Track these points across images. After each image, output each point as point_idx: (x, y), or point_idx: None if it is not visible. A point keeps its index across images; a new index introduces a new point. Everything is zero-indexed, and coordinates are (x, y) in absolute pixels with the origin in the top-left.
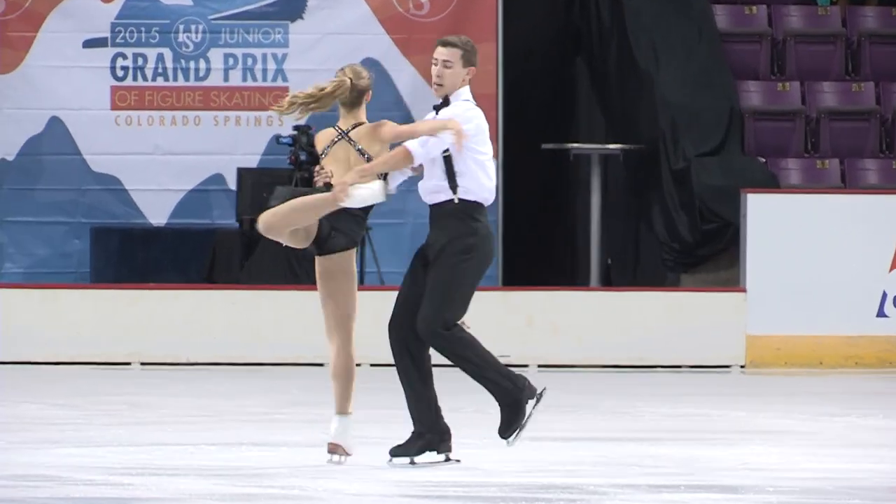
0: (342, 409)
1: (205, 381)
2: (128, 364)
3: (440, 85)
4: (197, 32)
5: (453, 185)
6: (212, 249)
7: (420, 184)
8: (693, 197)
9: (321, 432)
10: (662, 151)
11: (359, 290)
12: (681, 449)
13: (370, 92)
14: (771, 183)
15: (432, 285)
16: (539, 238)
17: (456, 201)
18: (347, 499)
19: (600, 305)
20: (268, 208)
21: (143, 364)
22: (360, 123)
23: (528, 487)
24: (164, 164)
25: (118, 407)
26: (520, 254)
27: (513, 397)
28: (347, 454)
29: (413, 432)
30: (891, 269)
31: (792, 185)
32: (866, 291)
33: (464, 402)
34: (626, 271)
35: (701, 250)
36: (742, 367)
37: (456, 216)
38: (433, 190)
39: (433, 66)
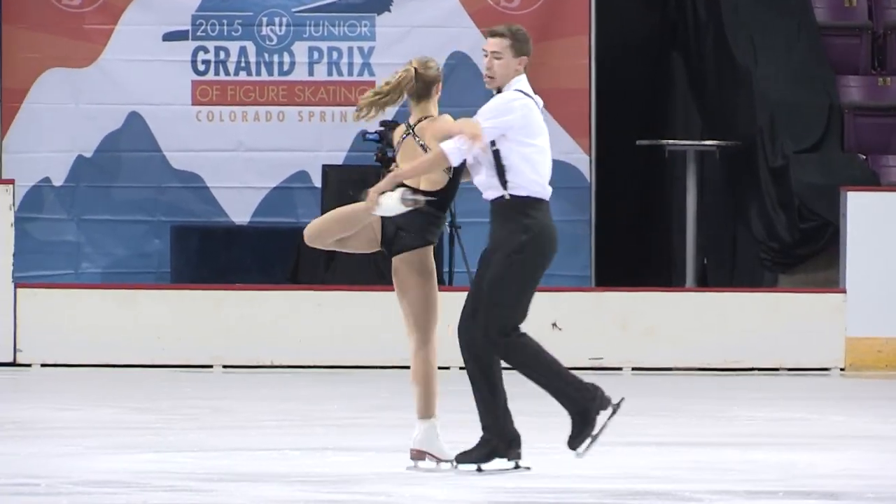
0: (423, 414)
1: (289, 384)
2: (209, 367)
3: (491, 77)
4: (280, 25)
5: (503, 181)
6: (296, 249)
7: (474, 178)
8: (791, 195)
9: (408, 437)
10: (760, 148)
11: (447, 290)
12: (779, 454)
13: (440, 84)
14: (871, 181)
15: (486, 290)
16: (634, 237)
17: (507, 197)
18: None
19: (696, 306)
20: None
21: (224, 367)
22: (428, 117)
23: (623, 494)
24: (246, 161)
25: (199, 411)
26: (614, 253)
27: (580, 406)
28: (440, 459)
29: (481, 438)
30: None
31: (893, 182)
32: None
33: (554, 405)
34: (723, 271)
35: (799, 250)
36: (842, 369)
37: (506, 214)
38: (485, 186)
39: (483, 58)
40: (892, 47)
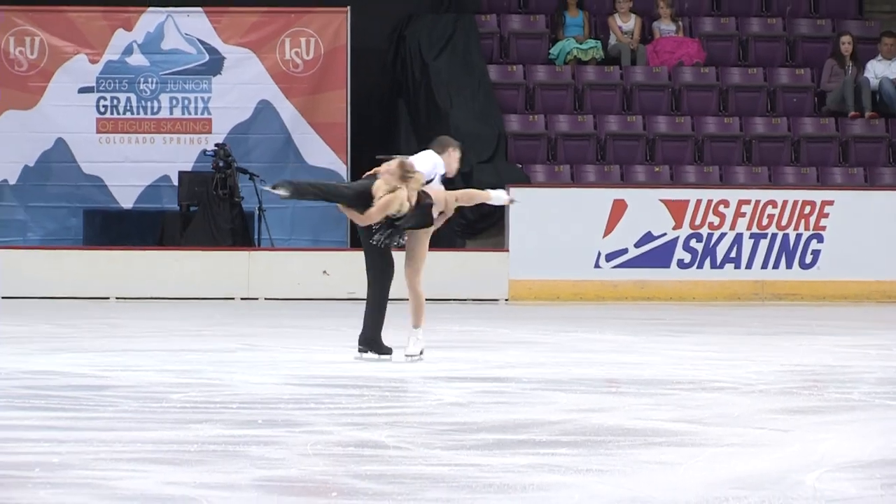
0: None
1: (160, 310)
2: (107, 298)
3: None
4: (152, 83)
5: None
6: (161, 224)
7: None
8: None
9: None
10: None
11: (257, 250)
12: (467, 353)
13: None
14: (525, 181)
15: None
16: None
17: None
18: (251, 386)
19: None
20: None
21: (117, 298)
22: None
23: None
24: (132, 168)
25: (100, 326)
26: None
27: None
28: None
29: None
30: (604, 236)
31: (539, 182)
32: (587, 250)
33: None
34: (433, 238)
35: (479, 224)
36: (506, 300)
37: None
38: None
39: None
40: (538, 96)
